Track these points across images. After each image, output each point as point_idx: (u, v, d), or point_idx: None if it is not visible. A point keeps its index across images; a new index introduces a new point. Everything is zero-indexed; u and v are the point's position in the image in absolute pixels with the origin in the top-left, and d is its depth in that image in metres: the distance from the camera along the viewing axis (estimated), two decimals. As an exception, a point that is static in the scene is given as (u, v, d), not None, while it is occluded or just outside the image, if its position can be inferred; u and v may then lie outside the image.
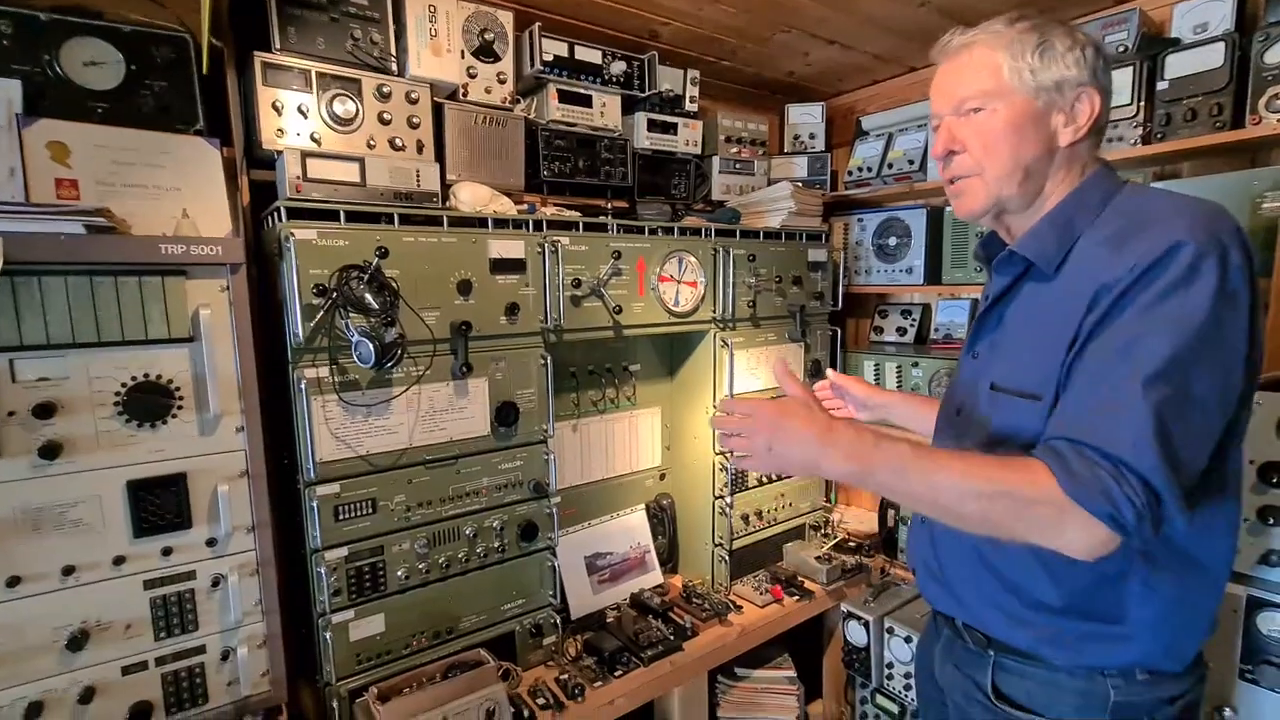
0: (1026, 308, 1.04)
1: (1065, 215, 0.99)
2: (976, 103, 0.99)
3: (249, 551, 1.27)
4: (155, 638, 1.20)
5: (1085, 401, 0.87)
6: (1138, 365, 0.82)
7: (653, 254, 1.81)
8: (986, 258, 1.17)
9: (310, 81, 1.42)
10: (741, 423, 1.00)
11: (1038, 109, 0.97)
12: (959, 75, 1.02)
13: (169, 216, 1.34)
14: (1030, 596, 1.02)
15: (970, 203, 1.05)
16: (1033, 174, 0.99)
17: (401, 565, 1.45)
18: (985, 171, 1.00)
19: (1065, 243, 0.98)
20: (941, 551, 1.16)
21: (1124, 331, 0.85)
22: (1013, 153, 0.98)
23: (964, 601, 1.11)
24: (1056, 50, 0.96)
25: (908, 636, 2.02)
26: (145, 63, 1.35)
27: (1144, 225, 0.90)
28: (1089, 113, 0.97)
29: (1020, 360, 1.02)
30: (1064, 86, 0.96)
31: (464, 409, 1.51)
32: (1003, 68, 0.97)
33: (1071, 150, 0.99)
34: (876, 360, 2.36)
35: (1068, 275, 0.97)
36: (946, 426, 1.20)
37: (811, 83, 2.51)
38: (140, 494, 1.16)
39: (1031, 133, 0.97)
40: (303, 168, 1.31)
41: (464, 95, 1.67)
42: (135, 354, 1.14)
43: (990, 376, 1.05)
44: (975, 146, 1.00)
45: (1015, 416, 0.99)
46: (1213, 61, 1.55)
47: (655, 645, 1.74)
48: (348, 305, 1.28)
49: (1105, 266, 0.89)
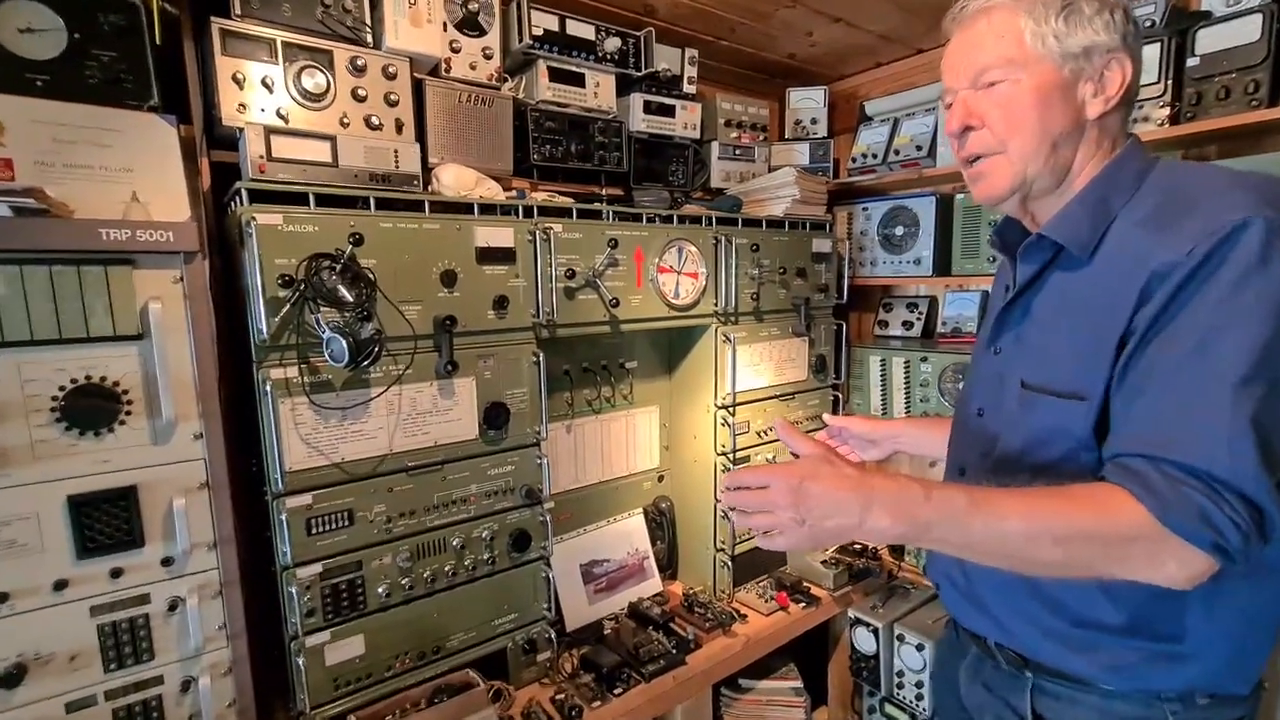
0: (1059, 297, 0.94)
1: (1098, 194, 0.90)
2: (997, 73, 0.90)
3: (210, 570, 1.15)
4: (105, 669, 1.07)
5: (1160, 410, 0.76)
6: (1221, 364, 0.72)
7: (651, 243, 1.69)
8: (1004, 245, 1.07)
9: (275, 52, 1.29)
10: (759, 497, 0.85)
11: (1065, 78, 0.88)
12: (977, 44, 0.92)
13: (118, 200, 1.21)
14: (1079, 614, 0.92)
15: (995, 184, 0.95)
16: (1061, 149, 0.90)
17: (382, 581, 1.33)
18: (1009, 148, 0.91)
19: (1100, 224, 0.89)
20: (969, 564, 1.05)
21: (1196, 326, 0.75)
22: (1040, 126, 0.89)
23: (998, 620, 1.02)
24: (1084, 13, 0.86)
25: (919, 644, 1.93)
26: (90, 31, 1.21)
27: (1193, 202, 0.81)
28: (1120, 81, 0.87)
29: (1056, 356, 0.92)
30: (1093, 53, 0.87)
31: (449, 411, 1.39)
32: (1025, 33, 0.88)
33: (1101, 123, 0.90)
34: (882, 355, 2.26)
35: (1106, 260, 0.88)
36: (966, 431, 1.10)
37: (813, 65, 2.39)
38: (84, 510, 1.03)
39: (1059, 104, 0.88)
40: (267, 146, 1.18)
41: (447, 71, 1.55)
42: (76, 353, 1.01)
43: (1020, 374, 0.96)
44: (997, 121, 0.91)
45: (1055, 417, 0.90)
46: (1249, 35, 1.46)
47: (657, 659, 1.63)
48: (318, 298, 1.15)
49: (1154, 249, 0.80)
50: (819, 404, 2.18)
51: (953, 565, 1.09)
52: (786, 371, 2.07)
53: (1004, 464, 0.99)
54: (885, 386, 2.27)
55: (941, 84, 1.00)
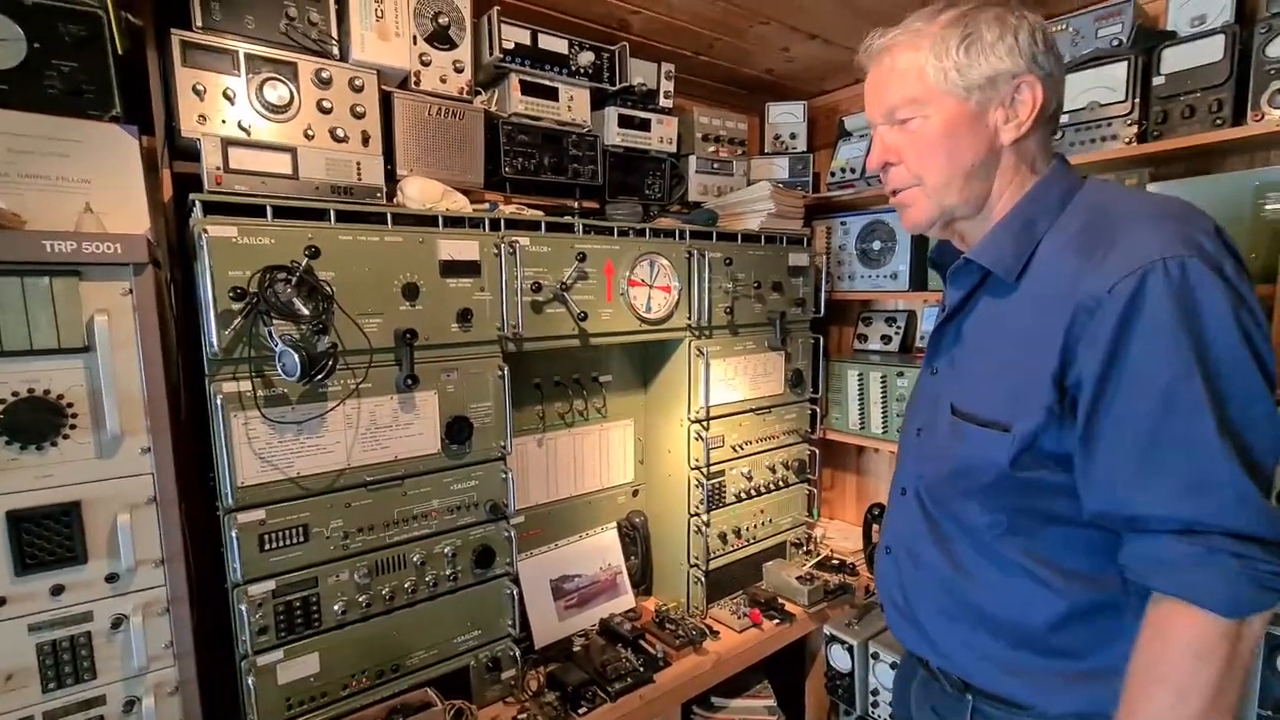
0: (987, 322, 0.95)
1: (1023, 218, 0.90)
2: (905, 112, 0.91)
3: (158, 588, 1.13)
4: (44, 689, 1.05)
5: (1161, 475, 0.76)
6: (1194, 416, 0.73)
7: (622, 256, 1.69)
8: (940, 266, 1.07)
9: (238, 63, 1.28)
10: None
11: (971, 110, 0.88)
12: (884, 82, 0.94)
13: (75, 211, 1.20)
14: (1011, 634, 0.92)
15: (915, 215, 0.97)
16: (975, 179, 0.91)
17: (338, 598, 1.31)
18: (925, 182, 0.93)
19: (1025, 248, 0.89)
20: (908, 585, 1.06)
21: (1149, 377, 0.75)
22: (949, 160, 0.90)
23: (935, 643, 1.01)
24: (985, 41, 0.86)
25: (893, 662, 1.91)
26: (51, 40, 1.21)
27: (1114, 231, 0.81)
28: (1031, 104, 0.87)
29: (983, 382, 0.92)
30: (998, 81, 0.87)
31: (410, 425, 1.37)
32: (927, 70, 0.89)
33: (1018, 147, 0.90)
34: (860, 370, 2.25)
35: (1033, 285, 0.88)
36: (906, 452, 1.11)
37: (792, 81, 2.41)
38: (24, 525, 1.01)
39: (967, 136, 0.89)
40: (223, 157, 1.17)
41: (416, 84, 1.54)
42: (18, 366, 1.00)
43: (951, 398, 0.96)
44: (911, 156, 0.93)
45: (980, 448, 0.90)
46: (1212, 55, 1.47)
47: (624, 677, 1.61)
48: (271, 311, 1.14)
49: (1076, 279, 0.80)
50: (796, 418, 2.17)
51: (894, 586, 1.08)
52: (762, 385, 2.06)
53: (938, 488, 0.99)
54: (863, 400, 2.27)
55: None
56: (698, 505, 1.93)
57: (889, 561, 1.11)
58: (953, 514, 0.97)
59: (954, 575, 0.97)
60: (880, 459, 2.56)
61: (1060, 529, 0.88)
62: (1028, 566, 0.90)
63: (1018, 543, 0.91)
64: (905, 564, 1.06)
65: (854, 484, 2.67)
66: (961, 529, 0.96)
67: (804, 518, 2.26)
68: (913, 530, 1.05)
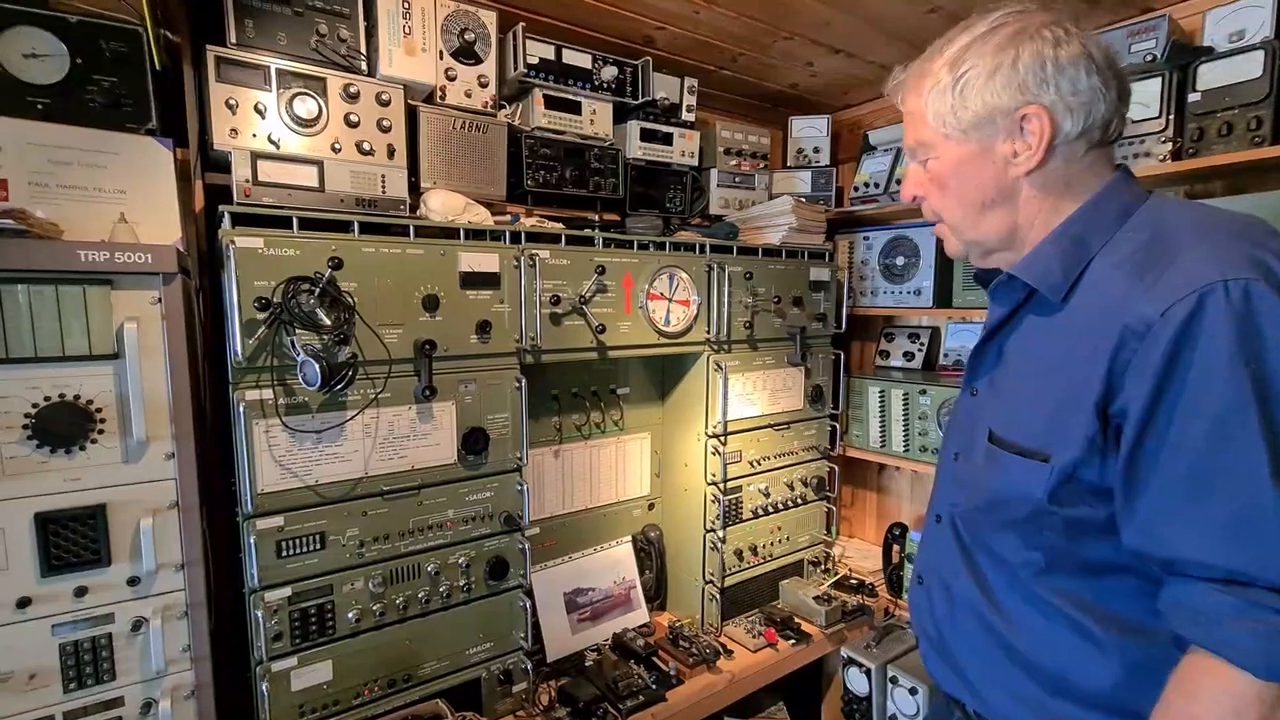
0: (1030, 343, 0.90)
1: (1073, 234, 0.85)
2: (920, 154, 0.94)
3: (177, 592, 1.15)
4: (65, 689, 1.07)
5: (1205, 517, 0.71)
6: (1246, 454, 0.68)
7: (641, 270, 1.69)
8: (984, 280, 1.03)
9: (269, 79, 1.32)
10: None
11: (973, 149, 0.87)
12: (905, 122, 0.96)
13: (110, 221, 1.24)
14: (1054, 683, 0.86)
15: (948, 248, 1.00)
16: (990, 215, 0.90)
17: (353, 606, 1.32)
18: (945, 219, 0.95)
19: (1075, 266, 0.84)
20: (941, 620, 1.00)
21: (1201, 409, 0.70)
22: (959, 200, 0.91)
23: (973, 685, 0.96)
24: (978, 81, 0.84)
25: (912, 687, 1.86)
26: (93, 56, 1.25)
27: (1171, 249, 0.75)
28: (1039, 134, 0.83)
29: (1023, 408, 0.88)
30: (996, 116, 0.84)
31: (428, 435, 1.38)
32: (927, 114, 0.90)
33: (1042, 174, 0.86)
34: (882, 386, 2.22)
35: (1081, 304, 0.83)
36: (943, 476, 1.06)
37: (816, 95, 2.40)
38: (51, 527, 1.04)
39: (973, 175, 0.89)
40: (253, 170, 1.20)
41: (442, 98, 1.57)
42: (51, 371, 1.03)
43: (989, 422, 0.92)
44: (931, 194, 0.95)
45: (1017, 478, 0.85)
46: (1250, 71, 1.43)
47: (635, 694, 1.59)
48: (294, 321, 1.16)
49: (1127, 299, 0.75)
50: (815, 434, 2.15)
51: (927, 618, 1.03)
52: (781, 401, 2.04)
53: (973, 518, 0.95)
54: (884, 418, 2.23)
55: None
56: (714, 521, 1.91)
57: (921, 593, 1.06)
58: (987, 547, 0.93)
59: (991, 613, 0.92)
60: (901, 477, 2.51)
61: (1100, 575, 0.83)
62: (1069, 614, 0.85)
63: (1054, 584, 0.86)
64: (938, 597, 1.02)
65: (874, 502, 2.63)
66: (996, 563, 0.92)
67: (822, 536, 2.22)
68: (947, 561, 1.00)
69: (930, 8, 1.72)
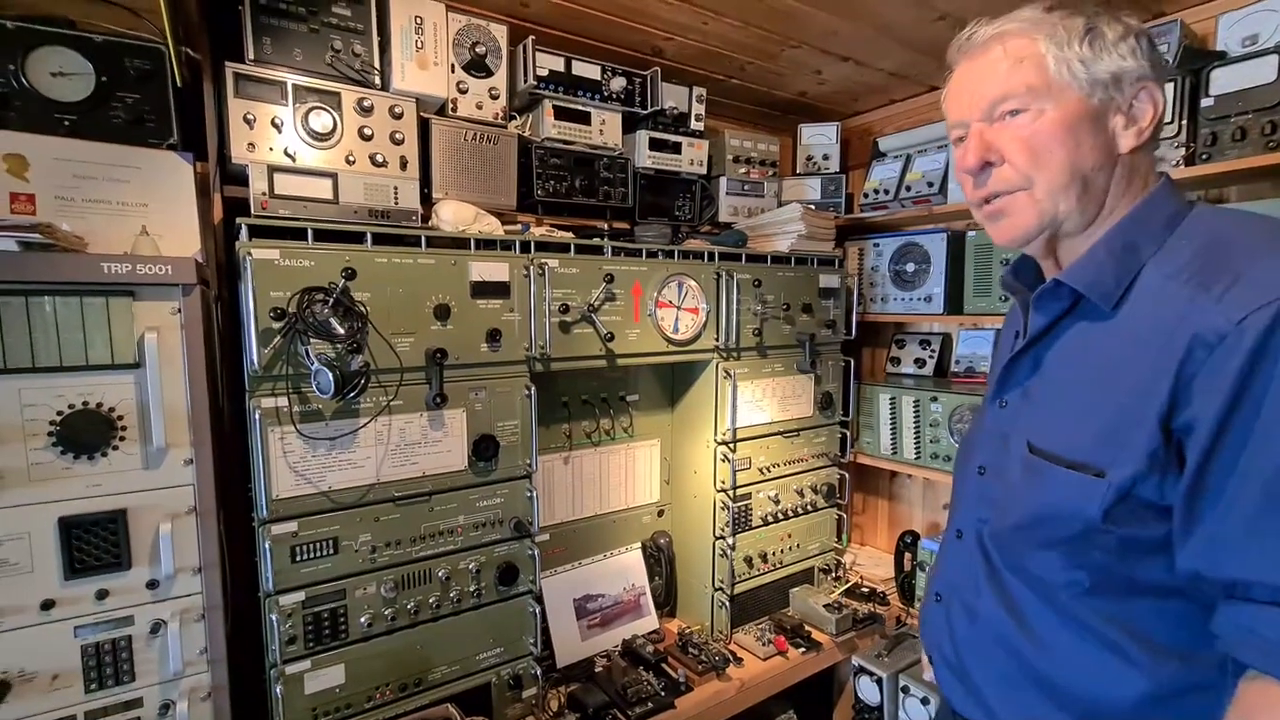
0: (1074, 353, 0.86)
1: (1125, 240, 0.81)
2: (1017, 102, 0.82)
3: (195, 595, 1.17)
4: (86, 690, 1.09)
5: (1273, 540, 0.67)
6: None
7: (650, 278, 1.70)
8: (1017, 288, 0.98)
9: (286, 94, 1.35)
10: None
11: (1094, 107, 0.80)
12: (990, 72, 0.84)
13: (132, 234, 1.27)
14: (1083, 710, 0.83)
15: (1018, 223, 0.86)
16: (1092, 186, 0.82)
17: (365, 611, 1.34)
18: (1035, 185, 0.83)
19: (1126, 273, 0.81)
20: (961, 642, 0.97)
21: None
22: (1069, 160, 0.80)
23: (992, 710, 0.93)
24: (1107, 38, 0.79)
25: (924, 697, 1.85)
26: (117, 74, 1.30)
27: (1236, 259, 0.73)
28: (1152, 112, 0.80)
29: (1068, 419, 0.84)
30: (1122, 80, 0.79)
31: (439, 442, 1.40)
32: (1047, 59, 0.80)
33: (1133, 158, 0.83)
34: (893, 393, 2.21)
35: (1134, 314, 0.79)
36: (967, 490, 1.01)
37: (825, 102, 2.40)
38: (74, 532, 1.07)
39: (1089, 137, 0.80)
40: (269, 183, 1.23)
41: (453, 110, 1.60)
42: (75, 380, 1.06)
43: (1027, 434, 0.88)
44: (1020, 156, 0.83)
45: (1065, 492, 0.81)
46: (1264, 76, 1.41)
47: (644, 701, 1.60)
48: (308, 331, 1.19)
49: (1194, 310, 0.71)
50: (825, 441, 2.14)
51: (944, 638, 1.00)
52: (791, 408, 2.04)
53: (1007, 537, 0.91)
54: (895, 425, 2.22)
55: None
56: (723, 528, 1.91)
57: (938, 611, 1.03)
58: (1022, 567, 0.88)
59: (1018, 636, 0.88)
60: (913, 485, 2.50)
61: (1149, 597, 0.80)
62: (1108, 635, 0.81)
63: (1097, 606, 0.82)
64: (958, 617, 0.98)
65: (885, 509, 2.61)
66: (1031, 584, 0.88)
67: (833, 543, 2.21)
68: (970, 580, 0.96)
69: (938, 15, 1.72)
